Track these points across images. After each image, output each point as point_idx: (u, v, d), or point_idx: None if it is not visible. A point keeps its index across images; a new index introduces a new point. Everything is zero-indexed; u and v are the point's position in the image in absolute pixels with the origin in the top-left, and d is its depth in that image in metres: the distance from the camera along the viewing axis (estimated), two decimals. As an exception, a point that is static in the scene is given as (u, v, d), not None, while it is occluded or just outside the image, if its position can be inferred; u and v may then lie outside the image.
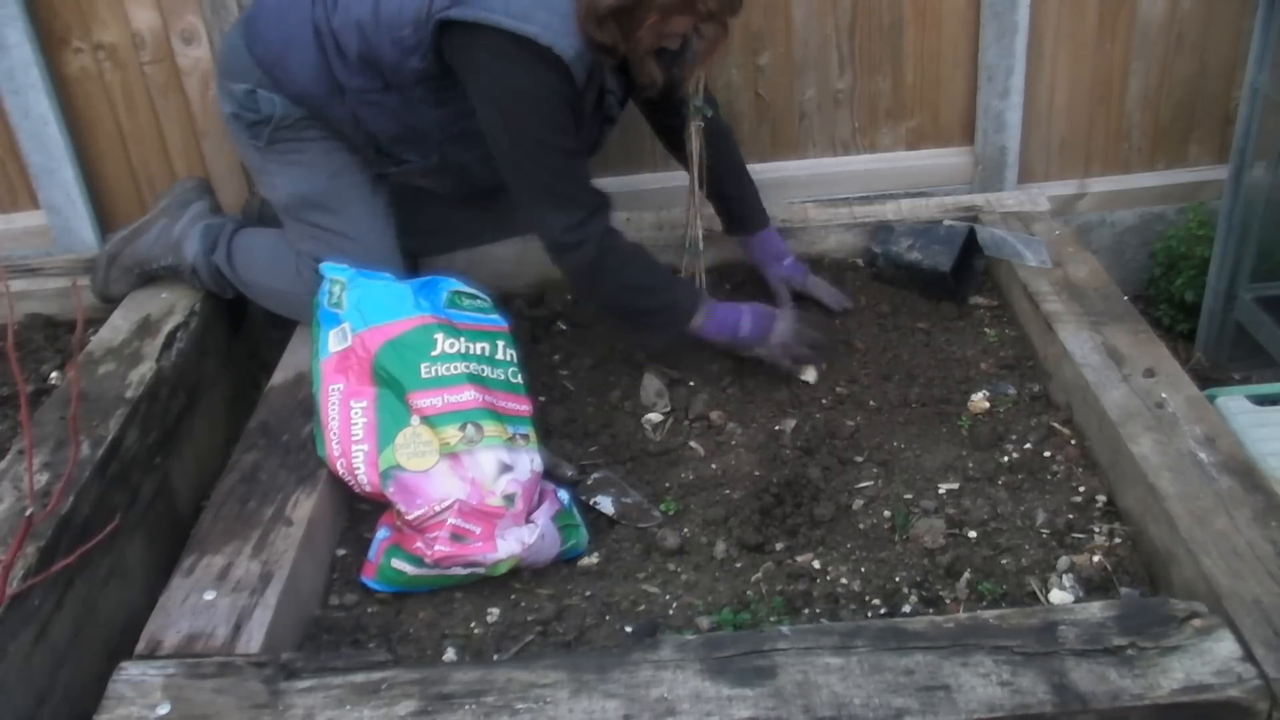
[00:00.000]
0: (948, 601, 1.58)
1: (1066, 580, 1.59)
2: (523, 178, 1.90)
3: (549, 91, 1.83)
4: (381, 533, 1.72)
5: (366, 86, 1.94)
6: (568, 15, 1.78)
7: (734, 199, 2.27)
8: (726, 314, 2.03)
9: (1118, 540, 1.65)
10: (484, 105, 1.87)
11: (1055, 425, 1.91)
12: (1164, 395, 1.80)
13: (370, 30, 1.90)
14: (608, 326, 2.22)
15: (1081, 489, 1.77)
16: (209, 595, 1.54)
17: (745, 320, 2.03)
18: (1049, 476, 1.81)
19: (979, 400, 2.00)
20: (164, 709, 1.34)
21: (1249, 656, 1.32)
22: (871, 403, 2.02)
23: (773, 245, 2.30)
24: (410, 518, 1.66)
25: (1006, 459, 1.86)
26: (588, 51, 1.82)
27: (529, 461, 1.74)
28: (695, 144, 2.13)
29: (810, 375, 2.08)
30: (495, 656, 1.51)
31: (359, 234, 2.08)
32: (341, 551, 1.77)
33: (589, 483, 1.87)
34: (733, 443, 1.94)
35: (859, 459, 1.89)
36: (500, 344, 1.87)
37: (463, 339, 1.80)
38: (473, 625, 1.59)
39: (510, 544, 1.64)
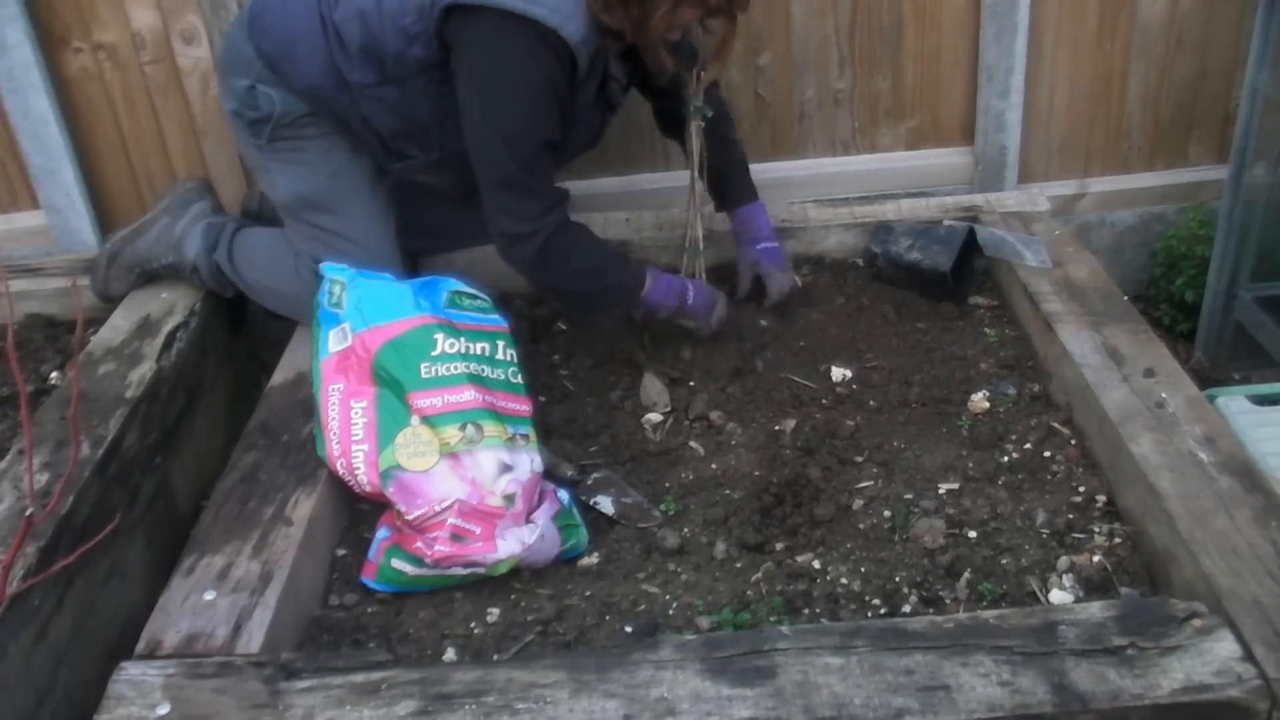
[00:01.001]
0: (948, 601, 1.58)
1: (1066, 580, 1.59)
2: (490, 163, 1.89)
3: (543, 77, 1.83)
4: (381, 533, 1.72)
5: (367, 80, 1.94)
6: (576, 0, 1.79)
7: (718, 172, 2.24)
8: (673, 282, 2.08)
9: (1118, 540, 1.65)
10: (470, 84, 1.86)
11: (1055, 425, 1.91)
12: (1164, 395, 1.80)
13: (373, 20, 1.89)
14: (560, 311, 2.25)
15: (1081, 489, 1.77)
16: (209, 595, 1.54)
17: (690, 292, 2.09)
18: (1049, 476, 1.81)
19: (979, 400, 2.00)
20: (164, 709, 1.34)
21: (1249, 656, 1.32)
22: (871, 403, 2.02)
23: (750, 224, 2.27)
24: (410, 518, 1.66)
25: (1006, 459, 1.86)
26: (594, 37, 1.83)
27: (529, 461, 1.74)
28: (695, 144, 2.13)
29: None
30: (495, 656, 1.51)
31: (358, 235, 2.08)
32: (341, 551, 1.77)
33: (589, 483, 1.87)
34: (733, 443, 1.94)
35: (859, 459, 1.88)
36: (500, 344, 1.87)
37: (463, 339, 1.81)
38: (473, 625, 1.59)
39: (510, 544, 1.64)
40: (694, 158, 2.15)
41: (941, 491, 1.79)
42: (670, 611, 1.59)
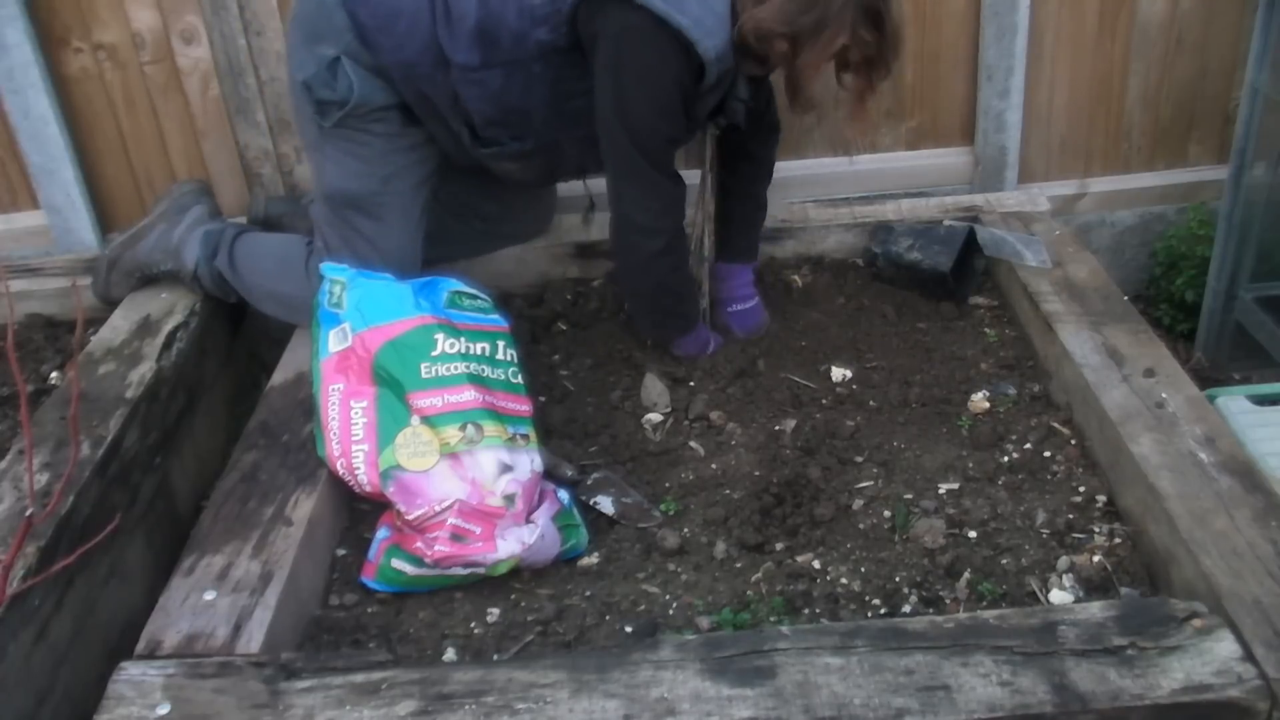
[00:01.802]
0: (948, 601, 1.58)
1: (1066, 580, 1.59)
2: (621, 156, 1.93)
3: (675, 81, 1.86)
4: (381, 533, 1.72)
5: (471, 63, 1.90)
6: (722, 16, 1.82)
7: (730, 222, 2.25)
8: (705, 336, 2.16)
9: (1118, 540, 1.65)
10: (607, 77, 1.87)
11: (1055, 425, 1.91)
12: (1164, 395, 1.80)
13: None
14: (625, 309, 2.27)
15: (1081, 489, 1.77)
16: (209, 595, 1.54)
17: (710, 347, 2.17)
18: (1049, 476, 1.81)
19: (979, 400, 2.00)
20: (164, 709, 1.34)
21: (1249, 656, 1.32)
22: (871, 403, 2.02)
23: (729, 283, 2.25)
24: (410, 518, 1.66)
25: (1006, 459, 1.86)
26: (730, 57, 1.85)
27: (529, 461, 1.74)
28: (708, 152, 2.14)
29: None
30: (495, 656, 1.51)
31: (389, 247, 2.06)
32: (341, 551, 1.77)
33: (589, 483, 1.87)
34: (733, 443, 1.94)
35: (859, 459, 1.89)
36: (500, 344, 1.87)
37: (463, 339, 1.81)
38: (473, 625, 1.59)
39: (510, 544, 1.64)
40: (706, 165, 2.15)
41: (941, 491, 1.79)
42: (670, 611, 1.59)
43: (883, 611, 1.56)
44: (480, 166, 2.10)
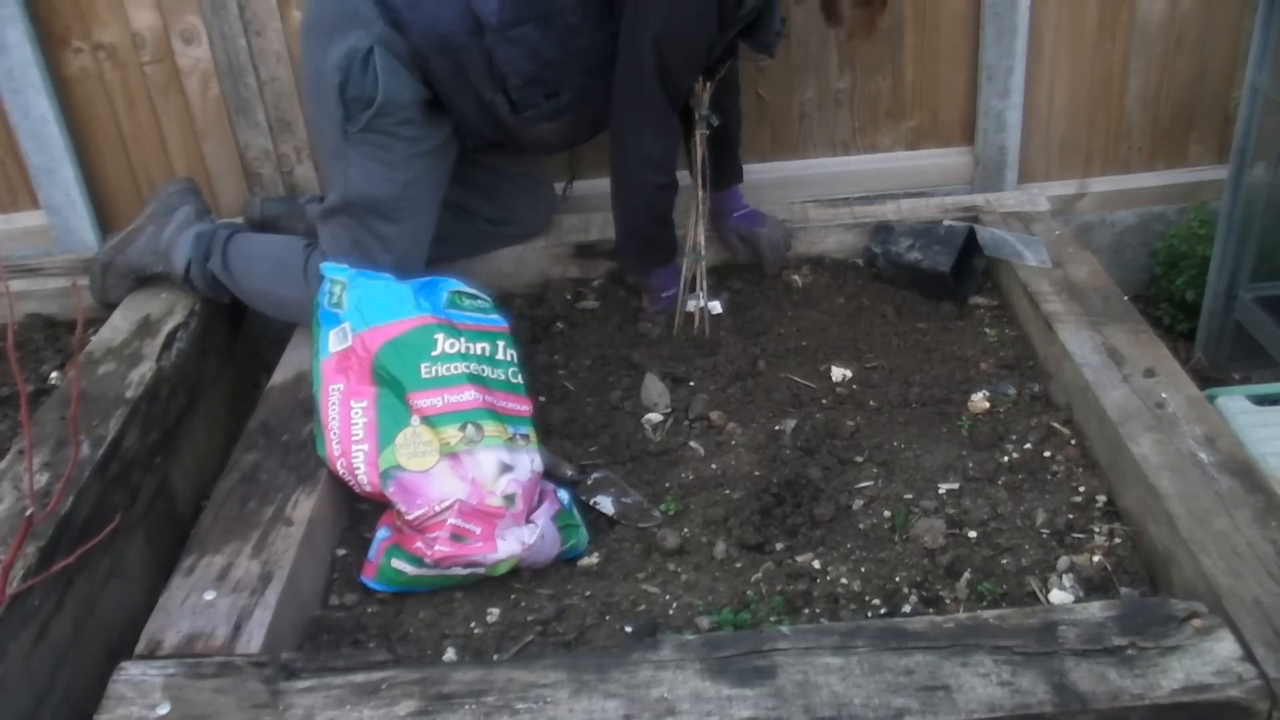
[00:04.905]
0: (948, 601, 1.58)
1: (1066, 580, 1.59)
2: (646, 91, 1.98)
3: (709, 30, 1.93)
4: (381, 533, 1.72)
5: (507, 19, 1.91)
6: None
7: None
8: (669, 279, 2.25)
9: (1118, 540, 1.65)
10: (654, 9, 1.91)
11: (1055, 425, 1.91)
12: (1164, 395, 1.80)
13: None
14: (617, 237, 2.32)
15: (1081, 489, 1.77)
16: (209, 595, 1.54)
17: (673, 290, 2.26)
18: (1049, 476, 1.81)
19: (979, 400, 2.00)
20: (164, 709, 1.34)
21: (1249, 656, 1.32)
22: (871, 403, 2.02)
23: (725, 201, 2.35)
24: (410, 518, 1.66)
25: (1006, 459, 1.86)
26: None
27: (529, 461, 1.74)
28: (699, 152, 2.14)
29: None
30: (495, 656, 1.51)
31: (402, 250, 2.06)
32: (341, 551, 1.77)
33: (589, 483, 1.87)
34: (733, 443, 1.94)
35: (859, 459, 1.89)
36: (500, 344, 1.87)
37: (463, 339, 1.81)
38: (473, 625, 1.59)
39: (510, 544, 1.64)
40: (698, 165, 2.15)
41: (941, 491, 1.79)
42: (670, 611, 1.59)
43: (883, 611, 1.56)
44: (500, 145, 2.13)
